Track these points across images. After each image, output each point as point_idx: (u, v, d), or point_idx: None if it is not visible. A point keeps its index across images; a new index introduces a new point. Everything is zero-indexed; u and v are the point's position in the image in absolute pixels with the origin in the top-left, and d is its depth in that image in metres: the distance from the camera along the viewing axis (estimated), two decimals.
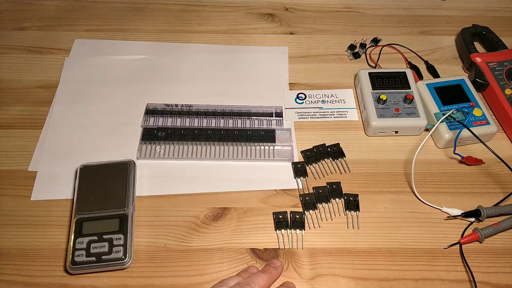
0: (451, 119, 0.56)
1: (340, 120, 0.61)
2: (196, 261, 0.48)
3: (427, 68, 0.67)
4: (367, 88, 0.60)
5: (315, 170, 0.55)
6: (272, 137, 0.57)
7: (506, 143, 0.59)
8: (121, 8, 0.74)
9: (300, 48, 0.69)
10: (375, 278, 0.47)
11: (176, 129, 0.57)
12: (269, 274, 0.45)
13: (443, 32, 0.72)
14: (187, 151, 0.56)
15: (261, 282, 0.43)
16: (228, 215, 0.51)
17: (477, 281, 0.46)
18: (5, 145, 0.57)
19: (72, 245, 0.46)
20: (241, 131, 0.57)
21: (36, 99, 0.62)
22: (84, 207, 0.48)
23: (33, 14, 0.73)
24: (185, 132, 0.57)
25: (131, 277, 0.46)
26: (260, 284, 0.43)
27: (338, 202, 0.52)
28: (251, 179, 0.54)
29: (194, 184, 0.53)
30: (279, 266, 0.46)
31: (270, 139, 0.57)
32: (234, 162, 0.55)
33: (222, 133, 0.57)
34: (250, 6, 0.76)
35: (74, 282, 0.46)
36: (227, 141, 0.56)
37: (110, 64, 0.66)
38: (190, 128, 0.58)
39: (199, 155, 0.56)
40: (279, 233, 0.50)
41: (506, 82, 0.61)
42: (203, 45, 0.69)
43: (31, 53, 0.67)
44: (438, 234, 0.50)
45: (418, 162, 0.54)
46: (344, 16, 0.75)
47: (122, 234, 0.47)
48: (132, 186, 0.51)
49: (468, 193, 0.53)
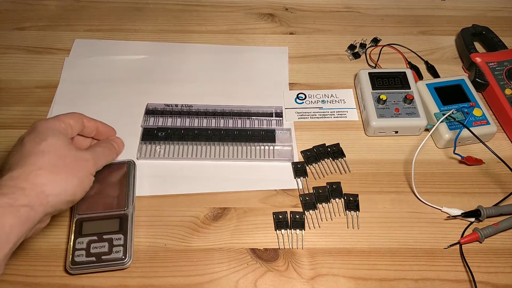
0: (451, 119, 0.56)
1: (340, 120, 0.61)
2: (196, 261, 0.48)
3: (427, 68, 0.67)
4: (367, 88, 0.60)
5: (315, 170, 0.55)
6: (272, 137, 0.57)
7: (506, 143, 0.59)
8: (121, 8, 0.74)
9: (300, 48, 0.69)
10: (375, 278, 0.47)
11: (176, 129, 0.57)
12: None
13: (443, 32, 0.72)
14: (187, 151, 0.56)
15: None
16: (228, 215, 0.51)
17: (477, 281, 0.46)
18: (5, 145, 0.57)
19: (72, 245, 0.46)
20: (241, 131, 0.57)
21: (36, 99, 0.62)
22: (84, 207, 0.48)
23: (33, 14, 0.73)
24: (185, 132, 0.57)
25: (131, 277, 0.46)
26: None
27: (338, 202, 0.52)
28: (251, 179, 0.54)
29: (194, 184, 0.53)
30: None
31: (270, 139, 0.57)
32: (234, 162, 0.55)
33: (222, 133, 0.57)
34: (250, 6, 0.76)
35: (74, 282, 0.46)
36: (227, 141, 0.56)
37: (110, 64, 0.66)
38: (190, 128, 0.58)
39: (199, 155, 0.56)
40: (279, 233, 0.50)
41: (506, 82, 0.61)
42: (203, 45, 0.69)
43: (31, 53, 0.67)
44: (438, 234, 0.50)
45: (418, 162, 0.54)
46: (344, 16, 0.75)
47: (122, 234, 0.47)
48: (132, 186, 0.51)
49: (468, 193, 0.53)
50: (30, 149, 0.39)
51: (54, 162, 0.39)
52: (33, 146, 0.39)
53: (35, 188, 0.36)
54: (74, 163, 0.41)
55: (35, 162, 0.38)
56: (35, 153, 0.38)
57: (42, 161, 0.38)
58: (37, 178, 0.37)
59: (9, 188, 0.35)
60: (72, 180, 0.40)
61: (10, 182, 0.36)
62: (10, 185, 0.36)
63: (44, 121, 0.43)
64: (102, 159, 0.46)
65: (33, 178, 0.37)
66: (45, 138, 0.40)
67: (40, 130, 0.41)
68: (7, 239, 0.34)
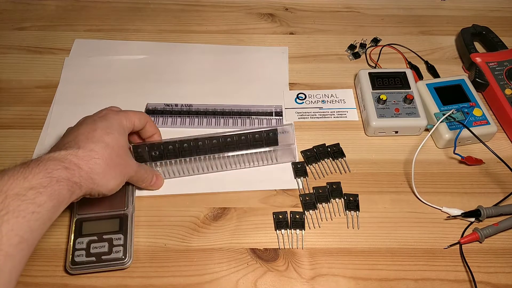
0: (451, 119, 0.56)
1: (340, 120, 0.61)
2: (196, 261, 0.48)
3: (427, 68, 0.67)
4: (367, 88, 0.60)
5: (315, 170, 0.55)
6: (275, 139, 0.52)
7: (506, 143, 0.59)
8: (121, 8, 0.74)
9: (300, 48, 0.69)
10: (375, 278, 0.47)
11: (169, 143, 0.51)
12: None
13: (443, 32, 0.72)
14: (186, 168, 0.53)
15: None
16: (228, 215, 0.51)
17: (477, 281, 0.46)
18: (5, 145, 0.57)
19: (72, 245, 0.46)
20: (241, 136, 0.52)
21: (36, 99, 0.62)
22: (84, 207, 0.48)
23: (33, 14, 0.73)
24: (180, 146, 0.51)
25: (131, 277, 0.46)
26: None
27: (338, 202, 0.52)
28: (251, 179, 0.54)
29: (194, 184, 0.53)
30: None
31: (272, 142, 0.53)
32: (237, 170, 0.54)
33: (221, 141, 0.51)
34: (250, 6, 0.76)
35: (74, 282, 0.46)
36: (227, 151, 0.52)
37: (110, 64, 0.66)
38: (185, 140, 0.51)
39: (199, 170, 0.53)
40: (279, 233, 0.50)
41: (506, 82, 0.61)
42: (203, 45, 0.69)
43: (31, 53, 0.67)
44: (438, 234, 0.50)
45: (418, 162, 0.54)
46: (344, 16, 0.75)
47: (122, 234, 0.47)
48: (132, 186, 0.51)
49: (468, 193, 0.53)
50: (99, 137, 0.42)
51: (112, 157, 0.42)
52: (102, 135, 0.43)
53: (90, 172, 0.40)
54: (124, 165, 0.45)
55: (99, 151, 0.41)
56: (101, 142, 0.42)
57: (104, 152, 0.42)
58: (95, 166, 0.40)
59: (72, 164, 0.39)
60: (116, 179, 0.43)
61: (75, 159, 0.39)
62: (73, 162, 0.39)
63: (116, 114, 0.46)
64: (140, 179, 0.49)
65: (93, 164, 0.40)
66: (113, 132, 0.44)
67: (111, 122, 0.45)
68: (62, 206, 0.38)
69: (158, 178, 0.52)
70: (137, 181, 0.49)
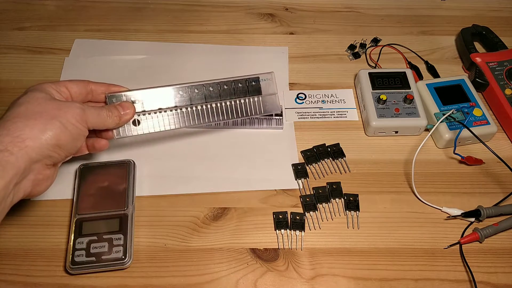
0: (451, 119, 0.56)
1: (340, 120, 0.61)
2: (196, 261, 0.48)
3: (427, 68, 0.67)
4: (367, 88, 0.60)
5: (315, 170, 0.55)
6: (258, 88, 0.52)
7: (506, 143, 0.59)
8: (121, 8, 0.74)
9: (300, 48, 0.69)
10: (375, 278, 0.47)
11: (149, 91, 0.49)
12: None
13: (443, 32, 0.72)
14: (167, 121, 0.50)
15: None
16: (228, 215, 0.51)
17: (477, 281, 0.46)
18: None
19: (72, 245, 0.46)
20: (224, 85, 0.51)
21: None
22: (84, 207, 0.49)
23: (33, 14, 0.73)
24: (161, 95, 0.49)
25: (131, 277, 0.46)
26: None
27: (338, 202, 0.52)
28: (251, 179, 0.54)
29: (194, 184, 0.53)
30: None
31: (256, 91, 0.52)
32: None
33: (204, 90, 0.50)
34: (250, 6, 0.76)
35: (74, 282, 0.46)
36: (210, 101, 0.50)
37: (110, 64, 0.66)
38: (166, 90, 0.50)
39: (181, 124, 0.50)
40: (279, 233, 0.50)
41: (506, 82, 0.61)
42: (203, 45, 0.69)
43: (31, 53, 0.67)
44: (438, 234, 0.50)
45: (418, 162, 0.54)
46: (344, 16, 0.75)
47: (122, 234, 0.47)
48: (132, 186, 0.51)
49: (468, 193, 0.53)
50: (9, 106, 0.40)
51: (32, 109, 0.39)
52: (12, 103, 0.40)
53: (10, 133, 0.37)
54: (57, 108, 0.40)
55: (11, 113, 0.39)
56: (12, 107, 0.40)
57: (19, 110, 0.39)
58: (13, 125, 0.38)
59: None
60: (52, 123, 0.39)
61: None
62: None
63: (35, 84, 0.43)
64: (95, 114, 0.43)
65: (9, 125, 0.37)
66: (25, 93, 0.41)
67: (26, 91, 0.42)
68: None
69: (124, 107, 0.47)
70: (97, 122, 0.44)
